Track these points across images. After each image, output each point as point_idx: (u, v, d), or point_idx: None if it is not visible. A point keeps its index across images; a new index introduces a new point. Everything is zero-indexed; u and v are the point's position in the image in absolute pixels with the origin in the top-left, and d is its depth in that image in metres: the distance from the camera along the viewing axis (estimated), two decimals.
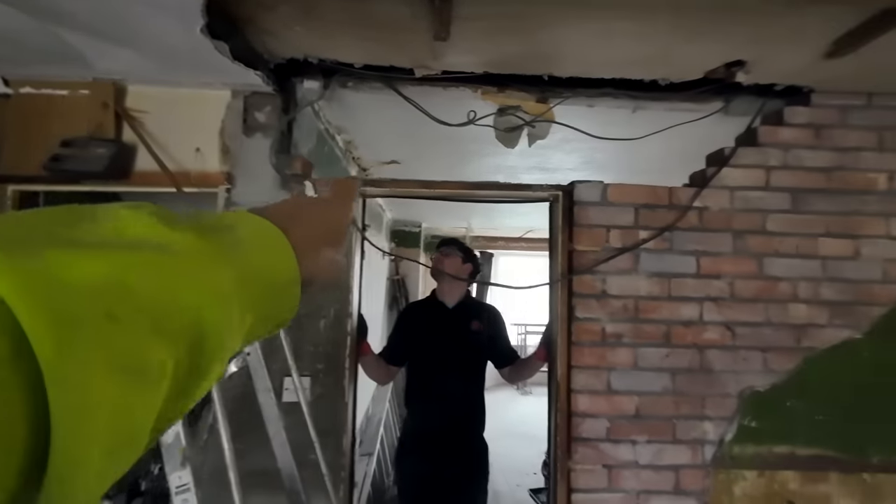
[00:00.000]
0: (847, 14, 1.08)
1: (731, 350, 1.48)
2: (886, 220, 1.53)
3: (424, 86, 1.58)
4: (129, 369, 0.19)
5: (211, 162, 1.46)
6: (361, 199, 1.54)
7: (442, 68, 1.47)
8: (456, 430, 1.71)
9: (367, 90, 1.62)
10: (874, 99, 1.55)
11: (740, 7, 1.04)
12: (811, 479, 1.45)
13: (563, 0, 1.04)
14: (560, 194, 1.51)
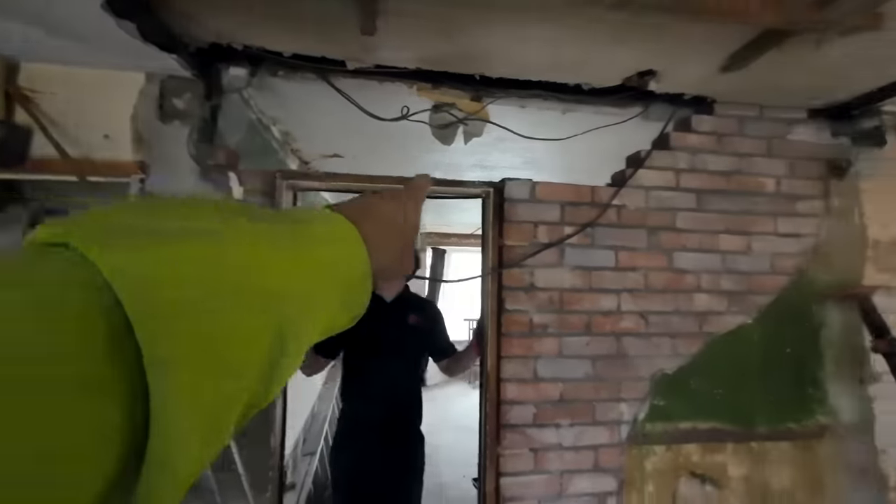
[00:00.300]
0: (736, 33, 1.21)
1: (645, 337, 1.61)
2: (774, 219, 1.73)
3: (359, 79, 1.56)
4: (225, 358, 0.19)
5: (122, 149, 1.36)
6: (292, 193, 1.50)
7: (375, 62, 1.47)
8: (392, 423, 1.73)
9: (299, 80, 1.58)
10: (765, 111, 1.75)
11: (642, 24, 1.13)
12: (710, 450, 1.62)
13: (480, 3, 1.07)
14: (491, 191, 1.56)
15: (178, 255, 0.19)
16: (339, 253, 0.29)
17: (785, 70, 1.39)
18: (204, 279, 0.19)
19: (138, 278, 0.17)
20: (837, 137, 1.82)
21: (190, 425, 0.18)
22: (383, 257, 0.33)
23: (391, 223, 0.35)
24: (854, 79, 1.49)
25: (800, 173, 1.76)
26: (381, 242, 0.33)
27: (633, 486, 1.55)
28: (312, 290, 0.26)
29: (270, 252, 0.24)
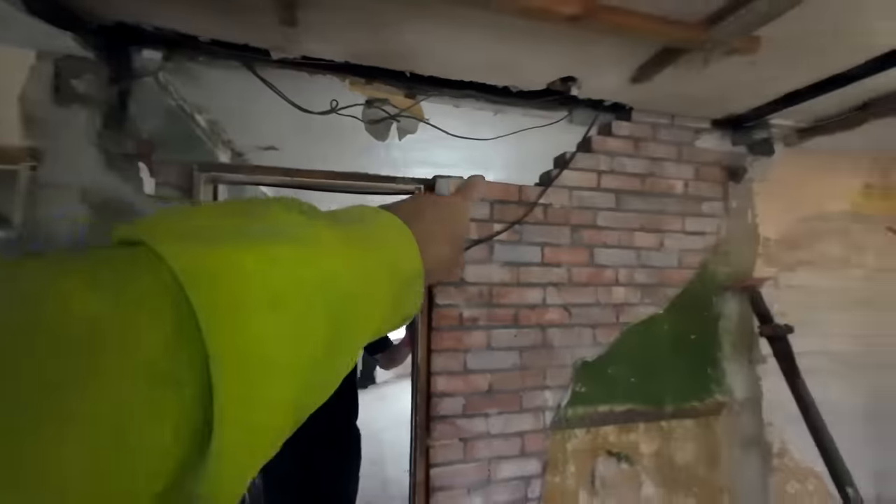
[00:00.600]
0: (640, 48, 1.32)
1: (568, 328, 1.72)
2: (682, 219, 1.90)
3: (287, 69, 1.52)
4: (286, 354, 0.19)
5: (8, 134, 1.22)
6: (212, 187, 1.43)
7: (302, 53, 1.43)
8: (324, 421, 1.70)
9: (222, 68, 1.50)
10: (676, 119, 1.91)
11: (558, 34, 1.20)
12: (625, 431, 1.76)
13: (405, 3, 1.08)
14: (422, 188, 1.58)
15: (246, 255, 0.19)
16: (393, 253, 0.29)
17: (685, 83, 1.53)
18: (273, 279, 0.19)
19: (205, 274, 0.17)
20: (736, 146, 2.03)
21: (249, 421, 0.18)
22: (435, 258, 0.33)
23: (443, 224, 0.35)
24: (743, 95, 1.68)
25: (704, 177, 1.95)
26: (433, 243, 0.33)
27: (556, 467, 1.66)
28: (370, 290, 0.25)
29: (342, 255, 0.24)
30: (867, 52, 1.34)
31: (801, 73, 1.49)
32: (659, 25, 1.10)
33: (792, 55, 1.35)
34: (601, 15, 1.04)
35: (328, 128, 2.12)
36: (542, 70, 1.51)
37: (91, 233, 1.27)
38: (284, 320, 0.19)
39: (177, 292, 0.17)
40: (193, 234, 0.19)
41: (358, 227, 0.27)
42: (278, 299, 0.19)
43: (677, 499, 1.80)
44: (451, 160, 2.76)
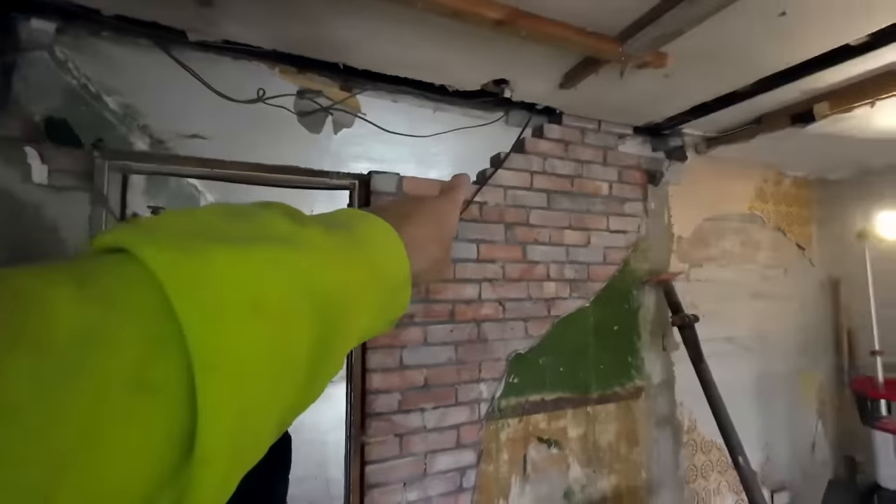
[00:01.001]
0: (565, 57, 1.39)
1: (502, 322, 1.78)
2: (606, 218, 2.04)
3: (210, 53, 1.42)
4: (269, 360, 0.19)
5: None
6: (120, 176, 1.30)
7: (222, 37, 1.34)
8: None
9: (132, 46, 1.37)
10: (602, 125, 2.05)
11: (487, 37, 1.23)
12: (554, 417, 1.86)
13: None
14: (357, 183, 1.56)
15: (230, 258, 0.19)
16: (381, 258, 0.28)
17: (607, 92, 1.64)
18: (257, 284, 0.19)
19: (189, 280, 0.17)
20: (655, 151, 2.21)
21: (233, 428, 0.18)
22: (423, 261, 0.32)
23: (432, 226, 0.34)
24: (659, 105, 1.83)
25: (626, 180, 2.11)
26: (421, 246, 0.32)
27: (490, 456, 1.72)
28: (357, 295, 0.25)
29: (328, 260, 0.24)
30: (757, 72, 1.52)
31: (706, 87, 1.66)
32: (578, 36, 1.17)
33: (697, 71, 1.50)
34: (523, 21, 1.08)
35: (261, 118, 2.01)
36: (475, 71, 1.54)
37: None
38: (268, 326, 0.19)
39: (161, 299, 0.17)
40: (177, 240, 0.19)
41: (344, 232, 0.27)
42: (262, 305, 0.19)
43: (601, 477, 1.94)
44: (391, 156, 2.74)
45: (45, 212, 1.18)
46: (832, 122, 1.82)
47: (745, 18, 1.15)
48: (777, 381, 2.51)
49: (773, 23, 1.17)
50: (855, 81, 1.59)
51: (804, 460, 2.59)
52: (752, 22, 1.18)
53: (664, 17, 1.06)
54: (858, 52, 1.37)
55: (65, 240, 1.20)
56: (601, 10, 1.14)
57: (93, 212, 1.22)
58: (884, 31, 1.26)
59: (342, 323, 0.24)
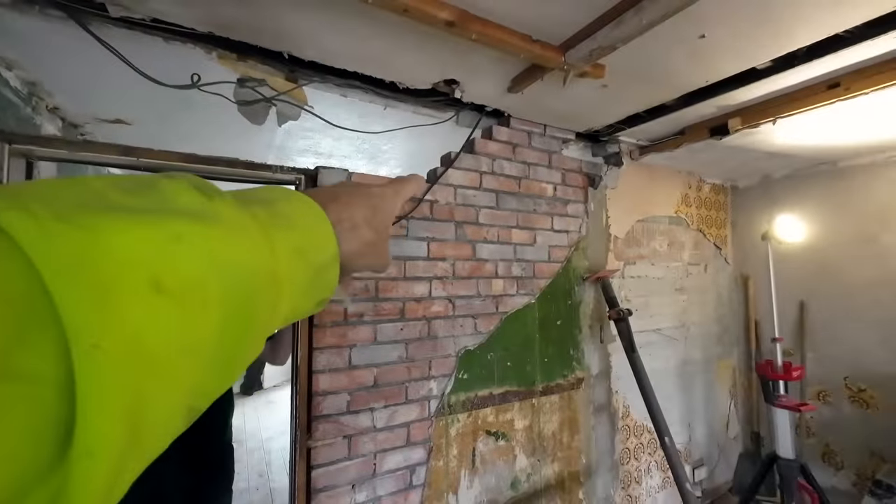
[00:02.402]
0: (512, 62, 1.44)
1: (452, 319, 1.81)
2: (551, 218, 2.14)
3: (136, 31, 1.30)
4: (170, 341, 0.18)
5: None
6: (23, 162, 1.15)
7: (149, 14, 1.23)
8: (186, 443, 1.51)
9: (38, 16, 1.22)
10: (547, 129, 2.14)
11: (437, 37, 1.24)
12: (502, 411, 1.92)
13: None
14: (303, 178, 1.50)
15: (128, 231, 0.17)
16: (304, 236, 0.27)
17: (551, 98, 1.73)
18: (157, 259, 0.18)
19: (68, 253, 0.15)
20: (595, 156, 2.36)
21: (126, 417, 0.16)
22: (353, 242, 0.31)
23: (363, 208, 0.33)
24: (597, 113, 1.96)
25: (570, 182, 2.23)
26: (352, 226, 0.31)
27: (440, 451, 1.74)
28: (275, 274, 0.23)
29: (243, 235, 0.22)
30: (679, 88, 1.68)
31: (638, 99, 1.80)
32: (525, 42, 1.22)
33: (629, 84, 1.62)
34: (473, 24, 1.11)
35: (196, 105, 1.87)
36: (427, 70, 1.55)
37: None
38: (169, 305, 0.17)
39: (30, 275, 0.15)
40: (55, 208, 0.16)
41: (264, 208, 0.25)
42: (163, 282, 0.17)
43: (545, 465, 2.04)
44: (340, 151, 2.67)
45: None
46: (742, 135, 2.05)
47: (668, 41, 1.27)
48: (697, 368, 2.78)
49: (692, 45, 1.30)
50: (761, 101, 1.80)
51: (720, 437, 2.89)
52: (673, 44, 1.30)
53: (598, 34, 1.14)
54: (764, 75, 1.56)
55: None
56: (546, 20, 1.20)
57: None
58: (784, 56, 1.44)
59: (257, 303, 0.22)
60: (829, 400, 2.63)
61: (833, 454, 2.61)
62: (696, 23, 1.20)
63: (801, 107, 1.69)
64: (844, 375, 2.57)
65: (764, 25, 1.23)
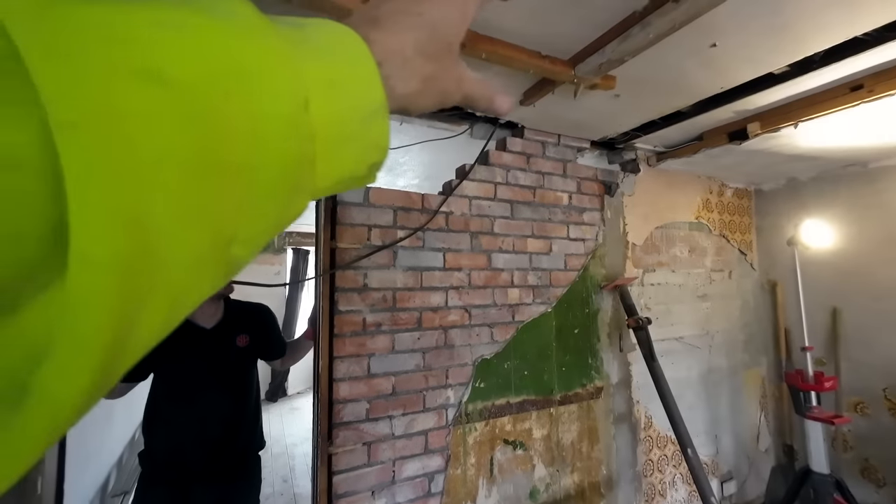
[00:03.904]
0: (523, 76, 1.47)
1: (468, 328, 1.84)
2: (567, 227, 2.15)
3: None
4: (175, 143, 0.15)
5: None
6: None
7: None
8: (215, 456, 1.57)
9: None
10: (562, 139, 2.16)
11: None
12: (519, 420, 1.93)
13: None
14: None
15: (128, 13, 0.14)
16: (343, 71, 0.21)
17: (564, 109, 1.75)
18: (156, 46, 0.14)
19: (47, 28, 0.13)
20: (611, 164, 2.35)
21: (116, 221, 0.13)
22: (409, 84, 0.24)
23: (413, 32, 0.24)
24: (612, 122, 1.96)
25: (585, 190, 2.23)
26: (401, 63, 0.24)
27: (458, 460, 1.76)
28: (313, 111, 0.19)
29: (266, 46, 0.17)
30: (694, 96, 1.67)
31: (652, 107, 1.80)
32: (534, 59, 1.25)
33: (642, 93, 1.62)
34: (482, 45, 1.15)
35: None
36: None
37: None
38: (171, 100, 0.15)
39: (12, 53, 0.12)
40: None
41: (295, 31, 0.20)
42: (165, 71, 0.15)
43: (564, 475, 2.02)
44: None
45: None
46: (763, 139, 2.01)
47: (679, 52, 1.28)
48: (723, 377, 2.70)
49: (704, 54, 1.30)
50: (781, 104, 1.77)
51: (750, 450, 2.79)
52: (685, 54, 1.30)
53: (606, 48, 1.16)
54: (781, 80, 1.54)
55: None
56: (553, 37, 1.23)
57: None
58: (801, 61, 1.42)
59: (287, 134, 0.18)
60: (867, 412, 2.51)
61: (873, 470, 2.48)
62: (706, 33, 1.21)
63: (824, 110, 1.65)
64: (884, 386, 2.44)
65: (777, 32, 1.22)
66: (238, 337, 1.66)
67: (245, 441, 1.67)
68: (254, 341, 1.70)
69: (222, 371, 1.61)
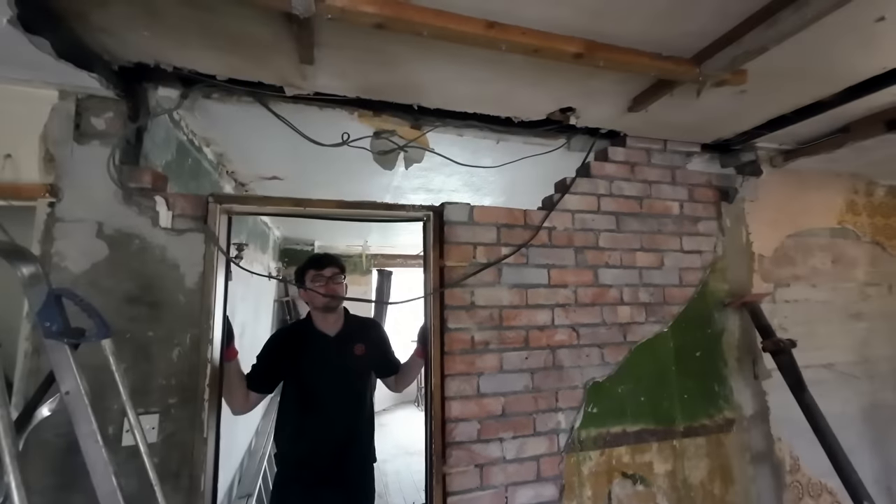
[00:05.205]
0: (636, 80, 1.40)
1: (576, 348, 1.74)
2: (679, 238, 1.96)
3: (299, 104, 1.57)
4: None
5: (27, 171, 1.24)
6: (226, 217, 1.45)
7: (314, 89, 1.49)
8: (340, 461, 1.66)
9: (234, 103, 1.55)
10: (668, 144, 2.01)
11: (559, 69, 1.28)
12: (638, 451, 1.75)
13: (414, 42, 1.15)
14: (431, 214, 1.62)
15: None
16: None
17: (677, 112, 1.62)
18: None
19: None
20: (725, 167, 2.13)
21: None
22: None
23: None
24: (730, 121, 1.78)
25: (698, 198, 2.03)
26: None
27: (572, 491, 1.64)
28: None
29: None
30: (845, 81, 1.45)
31: (785, 100, 1.60)
32: (654, 61, 1.19)
33: (777, 85, 1.45)
34: (601, 52, 1.12)
35: (330, 158, 2.18)
36: (542, 102, 1.59)
37: (108, 266, 1.27)
38: None
39: None
40: None
41: None
42: None
43: None
44: (449, 186, 2.83)
45: (168, 252, 1.34)
46: None
47: (835, 31, 1.12)
48: (892, 414, 2.21)
49: (867, 30, 1.12)
50: None
51: None
52: (843, 33, 1.14)
53: (746, 38, 1.05)
54: None
55: (183, 274, 1.34)
56: (675, 35, 1.15)
57: (206, 250, 1.37)
58: None
59: None
60: None
61: None
62: (871, 4, 1.04)
63: None
64: None
65: None
66: (356, 346, 1.77)
67: (365, 448, 1.75)
68: (369, 352, 1.80)
69: (344, 377, 1.73)
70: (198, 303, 1.33)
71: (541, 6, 1.06)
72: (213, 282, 1.34)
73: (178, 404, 1.29)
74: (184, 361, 1.30)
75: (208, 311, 1.33)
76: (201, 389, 1.30)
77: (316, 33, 1.13)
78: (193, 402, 1.30)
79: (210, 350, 1.32)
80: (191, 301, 1.33)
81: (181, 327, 1.31)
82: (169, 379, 1.29)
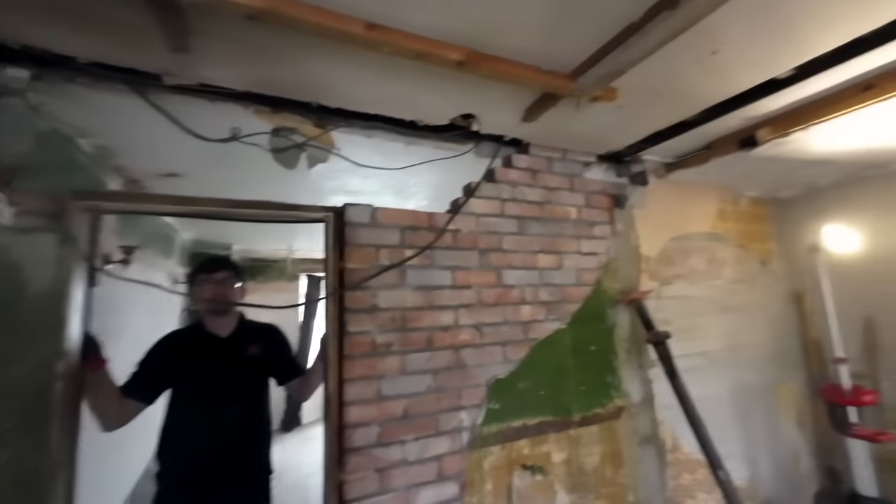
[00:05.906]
0: (525, 92, 1.49)
1: (480, 347, 1.79)
2: (577, 241, 2.12)
3: (186, 95, 1.46)
4: None
5: None
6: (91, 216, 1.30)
7: (198, 80, 1.40)
8: (231, 466, 1.56)
9: (107, 91, 1.41)
10: (567, 154, 2.16)
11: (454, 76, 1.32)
12: (537, 443, 1.85)
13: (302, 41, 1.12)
14: (332, 216, 1.59)
15: None
16: None
17: (567, 124, 1.76)
18: None
19: None
20: (619, 177, 2.33)
21: None
22: None
23: None
24: (617, 135, 1.96)
25: (594, 204, 2.21)
26: None
27: (473, 487, 1.68)
28: None
29: None
30: (699, 104, 1.66)
31: (657, 118, 1.79)
32: (534, 74, 1.27)
33: (646, 104, 1.62)
34: (482, 62, 1.18)
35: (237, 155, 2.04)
36: (442, 107, 1.63)
37: None
38: None
39: None
40: None
41: None
42: None
43: (588, 502, 1.91)
44: (369, 188, 2.79)
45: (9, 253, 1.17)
46: (774, 145, 1.97)
47: (680, 60, 1.28)
48: (755, 394, 2.56)
49: (706, 61, 1.30)
50: (790, 109, 1.74)
51: (789, 473, 2.60)
52: (687, 62, 1.30)
53: (606, 59, 1.17)
54: (788, 83, 1.51)
55: (27, 280, 1.18)
56: (553, 51, 1.25)
57: (61, 252, 1.21)
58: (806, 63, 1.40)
59: None
60: None
61: None
62: (707, 39, 1.21)
63: (835, 112, 1.62)
64: None
65: (778, 35, 1.22)
66: (249, 347, 1.70)
67: (260, 456, 1.66)
68: (265, 355, 1.73)
69: (236, 379, 1.64)
70: (46, 312, 1.18)
71: (426, 12, 1.09)
72: (67, 288, 1.19)
73: (19, 428, 1.12)
74: (27, 381, 1.14)
75: (60, 322, 1.18)
76: (50, 410, 1.15)
77: (189, 20, 1.06)
78: (39, 426, 1.14)
79: (62, 365, 1.17)
80: (36, 310, 1.17)
81: (23, 340, 1.15)
82: (6, 401, 1.12)
